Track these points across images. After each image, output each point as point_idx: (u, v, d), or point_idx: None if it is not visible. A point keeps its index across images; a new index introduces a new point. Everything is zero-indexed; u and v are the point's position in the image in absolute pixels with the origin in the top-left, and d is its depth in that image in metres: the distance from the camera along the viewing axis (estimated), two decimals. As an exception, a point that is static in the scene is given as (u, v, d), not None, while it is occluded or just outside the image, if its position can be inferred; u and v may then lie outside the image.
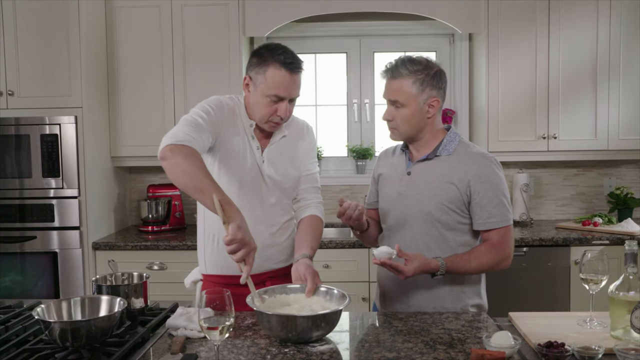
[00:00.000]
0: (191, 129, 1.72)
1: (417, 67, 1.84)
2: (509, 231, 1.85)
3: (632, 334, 1.46)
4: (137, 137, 3.40)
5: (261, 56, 1.83)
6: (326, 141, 3.82)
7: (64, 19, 3.07)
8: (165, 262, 3.14)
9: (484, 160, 1.85)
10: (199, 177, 1.60)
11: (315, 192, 2.04)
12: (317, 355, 1.43)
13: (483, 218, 1.83)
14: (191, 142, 1.68)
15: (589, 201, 3.74)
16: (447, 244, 1.86)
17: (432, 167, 1.88)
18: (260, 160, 1.90)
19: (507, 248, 1.84)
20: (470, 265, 1.81)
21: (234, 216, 1.55)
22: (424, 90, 1.83)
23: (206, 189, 1.58)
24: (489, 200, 1.82)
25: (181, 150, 1.63)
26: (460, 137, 1.93)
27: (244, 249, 1.55)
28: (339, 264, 3.12)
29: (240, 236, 1.53)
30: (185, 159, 1.61)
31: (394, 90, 1.86)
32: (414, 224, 1.88)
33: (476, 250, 1.84)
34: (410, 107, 1.84)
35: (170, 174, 1.66)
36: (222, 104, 1.88)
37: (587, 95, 3.34)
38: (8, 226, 3.11)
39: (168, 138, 1.67)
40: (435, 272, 1.78)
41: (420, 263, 1.74)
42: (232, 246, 1.54)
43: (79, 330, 1.39)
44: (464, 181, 1.83)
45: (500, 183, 1.85)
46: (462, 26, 3.42)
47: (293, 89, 1.83)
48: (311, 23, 3.66)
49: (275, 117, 1.84)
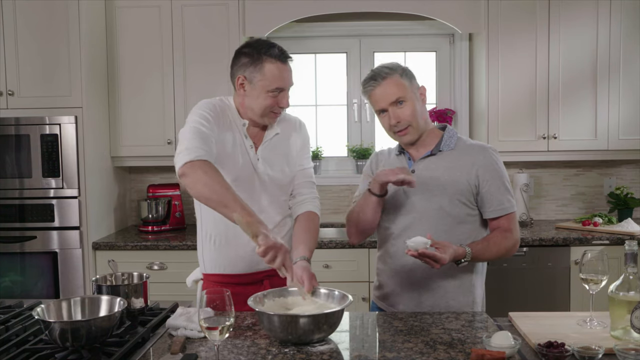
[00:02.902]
0: (202, 141, 1.74)
1: (393, 66, 1.91)
2: (515, 217, 1.92)
3: (632, 334, 1.46)
4: (137, 137, 3.40)
5: (252, 55, 1.86)
6: (326, 141, 3.82)
7: (64, 19, 3.07)
8: (165, 262, 3.14)
9: (486, 150, 1.93)
10: (222, 192, 1.65)
11: (310, 187, 2.05)
12: (317, 355, 1.43)
13: (494, 205, 1.88)
14: (207, 156, 1.72)
15: (589, 201, 3.74)
16: (457, 237, 1.86)
17: (437, 162, 1.91)
18: (255, 159, 1.91)
19: (516, 233, 1.91)
20: (492, 251, 1.85)
21: (259, 228, 1.60)
22: (411, 81, 1.91)
23: (229, 203, 1.63)
24: (497, 187, 1.88)
25: (200, 166, 1.68)
26: (457, 133, 1.99)
27: (280, 254, 1.61)
28: (339, 264, 3.12)
29: (272, 243, 1.59)
30: (206, 175, 1.66)
31: (390, 91, 1.88)
32: (424, 220, 1.88)
33: (492, 236, 1.89)
34: (411, 99, 1.88)
35: (192, 190, 1.70)
36: (214, 107, 1.90)
37: (587, 95, 3.34)
38: (8, 226, 3.11)
39: (185, 155, 1.70)
40: (461, 260, 1.80)
41: (453, 250, 1.76)
42: (269, 255, 1.59)
43: (79, 330, 1.39)
44: (472, 172, 1.88)
45: (503, 171, 1.93)
46: (462, 26, 3.42)
47: (289, 78, 1.90)
48: (311, 23, 3.66)
49: (276, 108, 1.89)
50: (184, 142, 1.74)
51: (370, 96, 1.92)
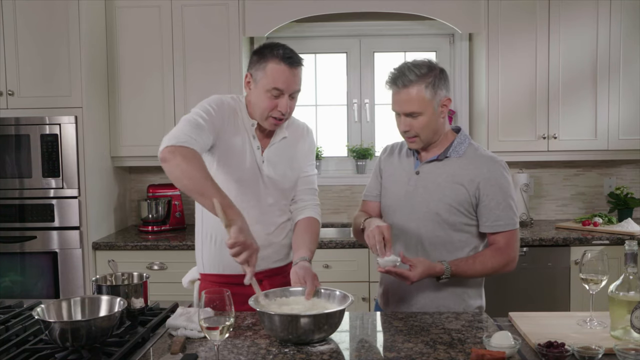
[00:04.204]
0: (192, 129, 1.72)
1: (424, 70, 1.81)
2: (515, 235, 1.86)
3: (632, 334, 1.46)
4: (137, 137, 3.40)
5: (261, 53, 1.85)
6: (326, 141, 3.82)
7: (64, 19, 3.07)
8: (165, 262, 3.14)
9: (494, 163, 1.86)
10: (200, 179, 1.61)
11: (312, 194, 2.04)
12: (317, 355, 1.43)
13: (490, 221, 1.83)
14: (191, 143, 1.68)
15: (589, 201, 3.74)
16: (453, 245, 1.85)
17: (441, 167, 1.88)
18: (260, 160, 1.91)
19: (512, 252, 1.85)
20: (475, 268, 1.81)
21: (236, 219, 1.57)
22: (436, 92, 1.81)
23: (207, 191, 1.60)
24: (497, 203, 1.82)
25: (181, 152, 1.64)
26: (469, 139, 1.93)
27: (247, 251, 1.58)
28: (339, 264, 3.12)
29: (242, 239, 1.56)
30: (185, 161, 1.63)
31: (408, 101, 1.80)
32: (421, 224, 1.87)
33: (482, 254, 1.85)
34: (427, 114, 1.81)
35: (170, 175, 1.67)
36: (223, 103, 1.89)
37: (587, 95, 3.34)
38: (8, 226, 3.11)
39: (168, 139, 1.68)
40: (441, 276, 1.78)
41: (425, 267, 1.74)
42: (235, 249, 1.56)
43: (79, 330, 1.39)
44: (474, 183, 1.83)
45: (509, 187, 1.85)
46: (462, 26, 3.42)
47: (292, 83, 1.84)
48: (311, 23, 3.66)
49: (275, 112, 1.84)
50: (174, 129, 1.73)
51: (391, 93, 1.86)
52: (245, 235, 1.57)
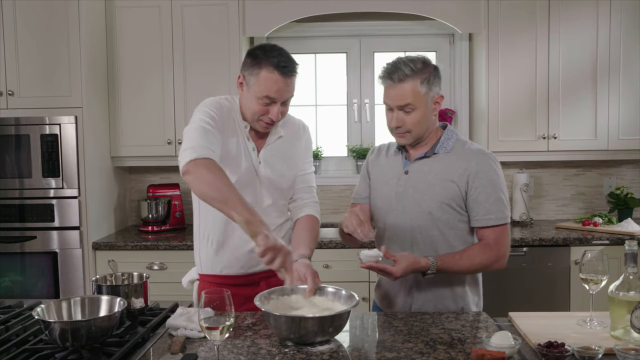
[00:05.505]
0: (207, 140, 1.73)
1: (419, 66, 1.81)
2: (505, 230, 1.83)
3: (632, 334, 1.46)
4: (137, 137, 3.40)
5: (256, 57, 1.81)
6: (326, 141, 3.82)
7: (64, 19, 3.07)
8: (165, 262, 3.14)
9: (482, 156, 1.84)
10: (224, 190, 1.62)
11: (310, 192, 2.04)
12: (317, 355, 1.43)
13: (480, 215, 1.81)
14: (211, 154, 1.70)
15: (589, 201, 3.74)
16: (448, 243, 1.84)
17: (430, 165, 1.86)
18: (257, 162, 1.90)
19: (502, 247, 1.82)
20: (463, 264, 1.78)
21: (259, 228, 1.57)
22: (430, 88, 1.81)
23: (230, 201, 1.60)
24: (486, 196, 1.80)
25: (204, 164, 1.66)
26: (457, 135, 1.92)
27: (280, 255, 1.57)
28: (339, 264, 3.12)
29: (271, 244, 1.55)
30: (208, 172, 1.65)
31: (402, 95, 1.80)
32: (415, 224, 1.85)
33: (469, 249, 1.82)
34: (421, 109, 1.80)
35: (195, 188, 1.69)
36: (221, 106, 1.88)
37: (587, 95, 3.34)
38: (8, 226, 3.11)
39: (189, 153, 1.69)
40: (426, 271, 1.76)
41: (409, 262, 1.73)
42: (267, 256, 1.56)
43: (79, 330, 1.39)
44: (463, 178, 1.81)
45: (499, 180, 1.83)
46: (462, 26, 3.42)
47: (285, 92, 1.82)
48: (311, 23, 3.66)
49: (265, 118, 1.84)
50: (188, 140, 1.73)
51: (383, 88, 1.86)
52: (273, 241, 1.56)
